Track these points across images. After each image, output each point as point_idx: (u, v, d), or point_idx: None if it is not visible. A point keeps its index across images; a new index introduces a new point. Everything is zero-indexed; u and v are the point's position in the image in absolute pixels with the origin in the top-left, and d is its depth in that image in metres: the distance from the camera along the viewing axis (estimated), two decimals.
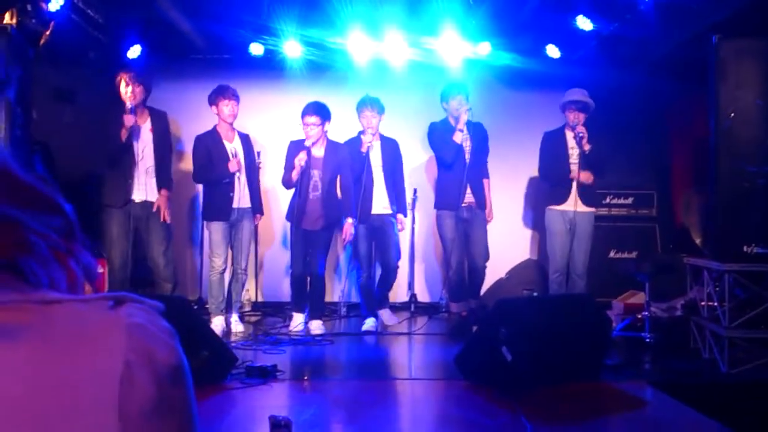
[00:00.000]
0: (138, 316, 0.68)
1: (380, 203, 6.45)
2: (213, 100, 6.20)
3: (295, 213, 6.18)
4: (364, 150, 6.24)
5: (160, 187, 6.06)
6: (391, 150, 6.56)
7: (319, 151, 6.25)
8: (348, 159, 6.32)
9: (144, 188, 5.99)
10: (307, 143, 6.09)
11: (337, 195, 6.36)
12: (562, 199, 6.32)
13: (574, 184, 6.29)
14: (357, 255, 6.50)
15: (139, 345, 0.65)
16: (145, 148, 6.03)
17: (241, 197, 6.22)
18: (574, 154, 6.31)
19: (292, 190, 6.29)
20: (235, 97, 6.21)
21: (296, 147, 6.19)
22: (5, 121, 5.08)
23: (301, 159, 6.03)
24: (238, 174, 6.17)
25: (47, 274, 0.69)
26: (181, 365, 0.69)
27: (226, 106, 6.15)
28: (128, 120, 5.77)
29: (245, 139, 6.42)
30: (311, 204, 6.21)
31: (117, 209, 5.91)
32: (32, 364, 0.60)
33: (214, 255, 6.21)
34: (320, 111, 6.14)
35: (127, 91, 5.87)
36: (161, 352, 0.67)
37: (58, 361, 0.61)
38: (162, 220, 6.02)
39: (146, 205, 5.99)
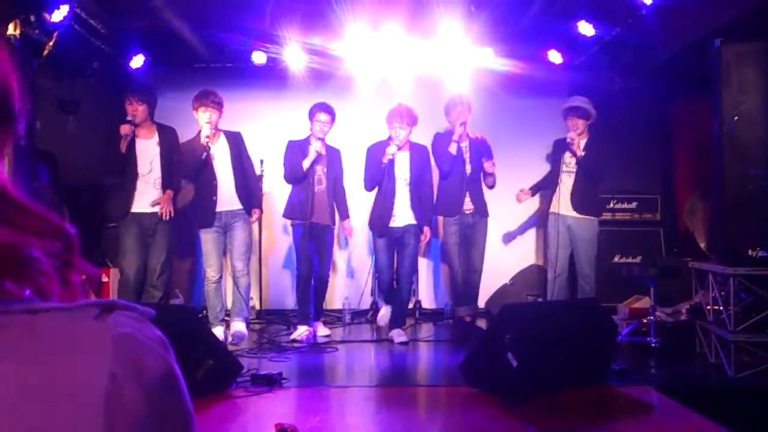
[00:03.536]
0: (126, 324, 0.64)
1: (402, 217, 6.31)
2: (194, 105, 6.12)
3: (303, 207, 6.26)
4: (384, 161, 6.15)
5: (165, 189, 6.14)
6: (419, 159, 6.40)
7: (322, 148, 6.34)
8: (341, 165, 6.53)
9: (153, 200, 6.07)
10: (324, 137, 6.30)
11: (341, 192, 6.56)
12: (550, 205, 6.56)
13: (560, 191, 6.47)
14: (377, 266, 6.50)
15: (125, 356, 0.61)
16: (152, 161, 6.10)
17: (227, 199, 6.15)
18: (571, 162, 6.38)
19: (289, 190, 6.46)
20: (214, 104, 6.04)
21: (295, 146, 6.34)
22: None
23: (318, 147, 6.20)
24: (211, 145, 6.04)
25: (44, 285, 0.66)
26: (172, 374, 0.65)
27: (203, 113, 6.04)
28: (123, 129, 5.90)
29: (233, 138, 6.30)
30: (318, 197, 6.31)
31: (126, 221, 5.96)
32: (12, 376, 0.57)
33: (206, 266, 6.15)
34: (331, 110, 6.34)
35: (130, 109, 6.01)
36: (150, 362, 0.63)
37: (39, 374, 0.58)
38: (162, 216, 6.05)
39: (154, 216, 6.05)
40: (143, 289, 6.10)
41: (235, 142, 6.30)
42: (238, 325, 6.23)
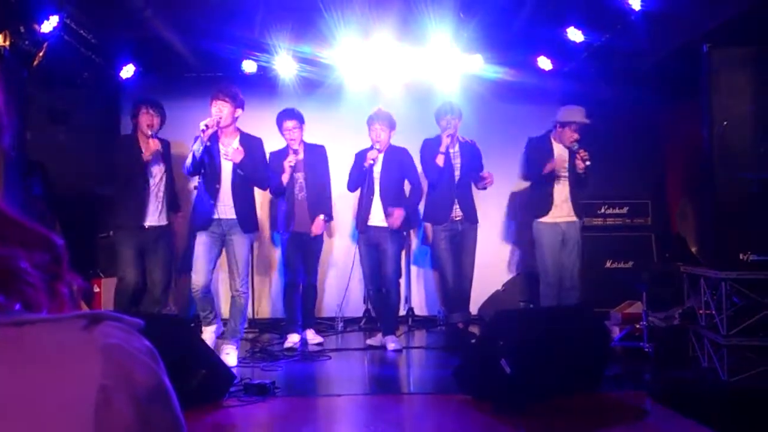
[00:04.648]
0: (114, 335, 0.63)
1: (377, 216, 6.35)
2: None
3: (285, 216, 6.32)
4: (366, 165, 6.22)
5: (175, 210, 6.20)
6: (394, 161, 6.38)
7: (299, 154, 6.36)
8: (326, 162, 6.54)
9: (156, 214, 6.01)
10: (294, 146, 6.31)
11: (323, 196, 6.48)
12: (546, 210, 6.31)
13: (556, 196, 6.30)
14: (363, 270, 6.55)
15: (114, 368, 0.60)
16: (159, 175, 6.06)
17: (225, 207, 5.65)
18: (562, 168, 6.31)
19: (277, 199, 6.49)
20: (223, 95, 5.60)
21: (277, 156, 6.32)
22: None
23: (290, 161, 6.19)
24: (215, 134, 5.60)
25: (32, 298, 0.66)
26: (162, 385, 0.65)
27: (214, 107, 5.62)
28: (155, 144, 5.87)
29: (248, 142, 5.75)
30: (299, 205, 6.34)
31: (129, 231, 5.91)
32: (1, 389, 0.57)
33: (193, 271, 5.67)
34: (296, 115, 6.35)
35: (151, 121, 5.95)
36: (139, 374, 0.62)
37: (27, 386, 0.57)
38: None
39: (155, 228, 5.98)
40: (141, 299, 6.05)
41: (249, 147, 5.71)
42: (228, 353, 5.65)
